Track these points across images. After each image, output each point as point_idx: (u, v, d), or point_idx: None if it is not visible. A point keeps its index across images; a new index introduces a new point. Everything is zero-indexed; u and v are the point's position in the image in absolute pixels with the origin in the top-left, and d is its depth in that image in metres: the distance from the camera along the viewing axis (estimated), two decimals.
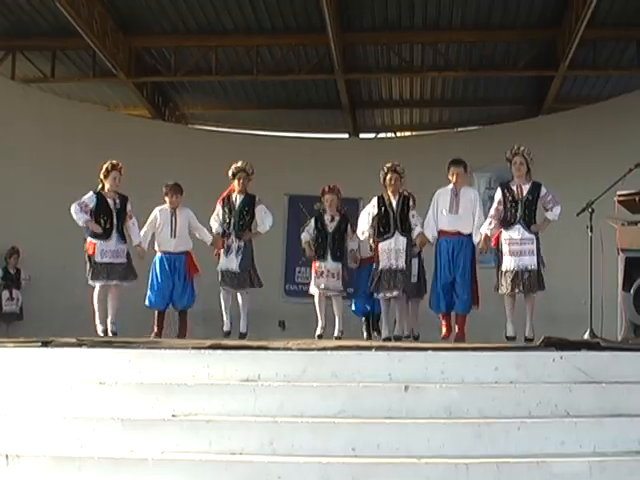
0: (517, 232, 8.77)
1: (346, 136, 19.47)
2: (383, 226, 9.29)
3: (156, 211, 9.99)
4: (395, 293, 9.18)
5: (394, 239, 9.21)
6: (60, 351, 6.63)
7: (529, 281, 8.67)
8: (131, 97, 17.75)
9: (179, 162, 16.01)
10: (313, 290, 9.93)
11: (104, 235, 9.44)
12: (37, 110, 15.54)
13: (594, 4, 12.22)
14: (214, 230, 9.77)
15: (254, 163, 9.86)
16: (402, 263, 9.14)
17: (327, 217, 10.02)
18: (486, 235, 8.96)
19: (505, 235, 8.83)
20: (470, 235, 9.18)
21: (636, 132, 14.41)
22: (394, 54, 15.70)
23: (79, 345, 6.97)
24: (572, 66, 15.04)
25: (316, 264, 9.91)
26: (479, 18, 14.41)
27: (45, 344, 6.94)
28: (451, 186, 9.36)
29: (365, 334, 10.76)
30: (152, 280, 9.79)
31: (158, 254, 9.87)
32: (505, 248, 8.79)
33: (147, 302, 9.82)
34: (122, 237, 9.55)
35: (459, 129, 19.30)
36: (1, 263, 14.44)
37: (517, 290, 8.71)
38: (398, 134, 20.25)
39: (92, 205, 9.50)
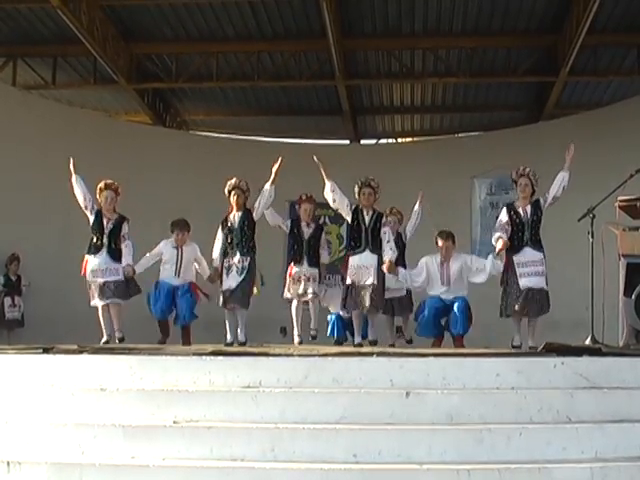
0: (527, 254, 8.79)
1: (347, 142, 19.49)
2: (354, 240, 9.15)
3: (162, 245, 10.05)
4: (369, 309, 9.06)
5: (364, 255, 9.05)
6: (61, 358, 6.63)
7: (539, 303, 8.68)
8: (132, 103, 17.78)
9: (180, 168, 16.05)
10: (288, 295, 9.90)
11: (94, 249, 9.50)
12: (38, 117, 15.56)
13: (594, 10, 12.23)
14: (214, 263, 9.62)
15: (254, 170, 9.84)
16: (371, 280, 8.95)
17: (303, 224, 9.98)
18: (500, 237, 8.86)
19: (515, 259, 8.81)
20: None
21: (637, 137, 14.41)
22: (395, 60, 15.73)
23: (80, 352, 6.99)
24: (573, 72, 15.06)
25: (292, 270, 9.87)
26: (479, 24, 14.43)
27: (46, 351, 6.95)
28: (439, 258, 9.48)
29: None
30: (152, 298, 9.89)
31: (160, 280, 9.95)
32: (518, 272, 8.77)
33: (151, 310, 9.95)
34: (114, 256, 9.54)
35: (460, 135, 19.31)
36: (2, 270, 14.43)
37: (528, 314, 8.75)
38: (399, 140, 20.28)
39: (92, 215, 9.57)
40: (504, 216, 8.99)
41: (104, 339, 9.47)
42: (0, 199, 14.29)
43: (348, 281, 9.07)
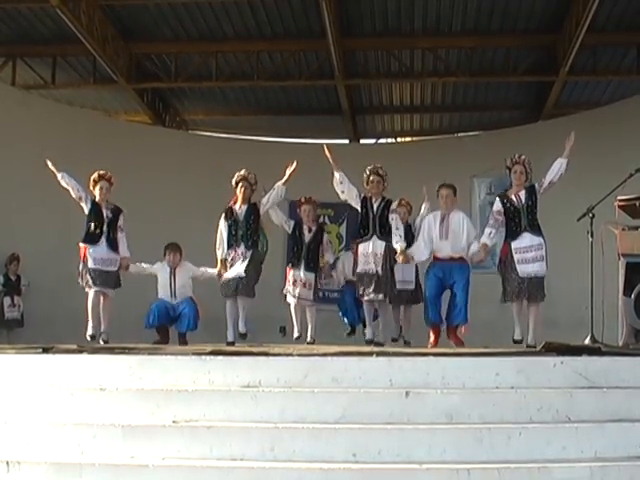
0: (525, 240, 8.75)
1: (347, 142, 19.48)
2: (363, 227, 9.21)
3: (157, 266, 10.22)
4: (380, 297, 9.10)
5: (372, 242, 9.10)
6: (61, 357, 6.63)
7: (536, 287, 8.65)
8: (131, 103, 17.77)
9: (180, 168, 16.04)
10: (289, 299, 9.97)
11: (93, 239, 9.49)
12: (37, 116, 15.55)
13: (594, 9, 12.23)
14: (219, 257, 9.63)
15: (254, 169, 9.86)
16: (379, 267, 9.01)
17: (305, 227, 10.02)
18: (485, 244, 8.92)
19: (514, 245, 8.78)
20: (461, 258, 9.23)
21: (636, 137, 14.41)
22: (394, 59, 15.72)
23: (80, 351, 6.99)
24: (572, 71, 15.06)
25: (289, 273, 9.94)
26: (479, 23, 14.43)
27: (46, 350, 6.95)
28: (439, 211, 9.38)
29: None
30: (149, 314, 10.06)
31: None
32: (516, 258, 8.74)
33: (145, 323, 10.07)
34: (112, 247, 9.58)
35: (459, 135, 19.31)
36: (1, 270, 14.43)
37: (524, 297, 8.70)
38: (398, 140, 20.27)
39: (88, 205, 9.56)
40: (497, 206, 8.99)
41: (90, 332, 9.41)
42: (0, 199, 14.31)
43: (359, 269, 9.10)
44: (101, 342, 9.37)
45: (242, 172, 9.70)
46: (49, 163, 9.65)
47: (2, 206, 14.32)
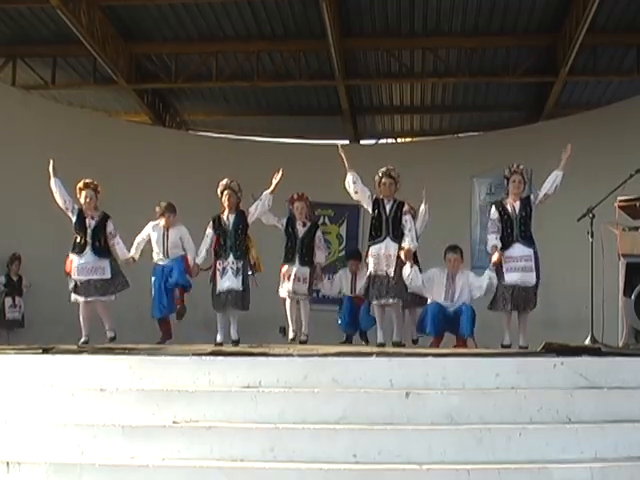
0: (516, 250, 8.81)
1: (347, 142, 19.46)
2: (375, 229, 9.16)
3: (149, 226, 10.13)
4: (390, 301, 9.10)
5: (384, 244, 9.05)
6: (61, 358, 6.65)
7: (526, 299, 8.70)
8: (132, 103, 17.77)
9: (180, 168, 16.03)
10: (283, 294, 9.95)
11: (78, 248, 9.53)
12: (37, 117, 15.54)
13: (594, 10, 12.23)
14: (198, 260, 9.76)
15: (254, 170, 9.87)
16: (392, 269, 8.97)
17: (298, 222, 10.02)
18: (495, 246, 8.93)
19: (505, 254, 8.86)
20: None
21: (636, 138, 14.40)
22: (394, 60, 15.71)
23: (80, 352, 7.01)
24: (572, 72, 15.05)
25: (284, 268, 9.91)
26: (479, 24, 14.42)
27: (46, 351, 6.96)
28: (446, 272, 9.47)
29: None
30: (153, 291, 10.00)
31: (155, 265, 10.07)
32: (505, 267, 8.82)
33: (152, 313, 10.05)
34: (100, 254, 9.56)
35: (459, 135, 19.30)
36: (3, 270, 14.43)
37: (515, 308, 8.74)
38: (399, 140, 20.27)
39: (74, 215, 9.61)
40: (494, 214, 9.05)
41: (83, 339, 9.42)
42: (0, 199, 14.28)
43: (370, 272, 9.09)
44: (107, 340, 9.46)
45: (224, 181, 9.74)
46: (51, 164, 9.66)
47: (3, 206, 14.30)
